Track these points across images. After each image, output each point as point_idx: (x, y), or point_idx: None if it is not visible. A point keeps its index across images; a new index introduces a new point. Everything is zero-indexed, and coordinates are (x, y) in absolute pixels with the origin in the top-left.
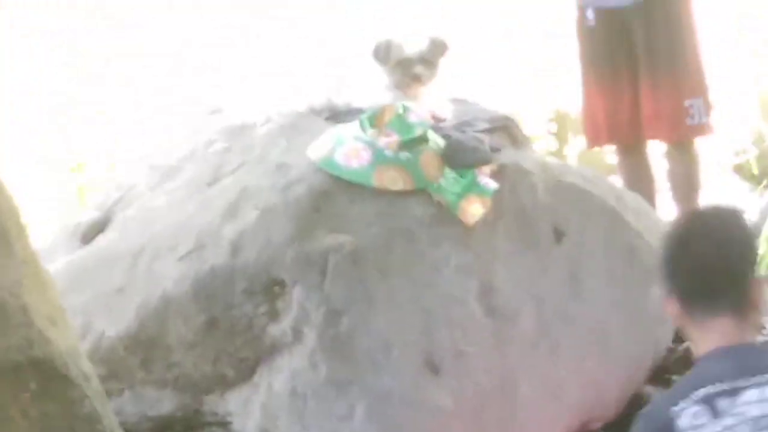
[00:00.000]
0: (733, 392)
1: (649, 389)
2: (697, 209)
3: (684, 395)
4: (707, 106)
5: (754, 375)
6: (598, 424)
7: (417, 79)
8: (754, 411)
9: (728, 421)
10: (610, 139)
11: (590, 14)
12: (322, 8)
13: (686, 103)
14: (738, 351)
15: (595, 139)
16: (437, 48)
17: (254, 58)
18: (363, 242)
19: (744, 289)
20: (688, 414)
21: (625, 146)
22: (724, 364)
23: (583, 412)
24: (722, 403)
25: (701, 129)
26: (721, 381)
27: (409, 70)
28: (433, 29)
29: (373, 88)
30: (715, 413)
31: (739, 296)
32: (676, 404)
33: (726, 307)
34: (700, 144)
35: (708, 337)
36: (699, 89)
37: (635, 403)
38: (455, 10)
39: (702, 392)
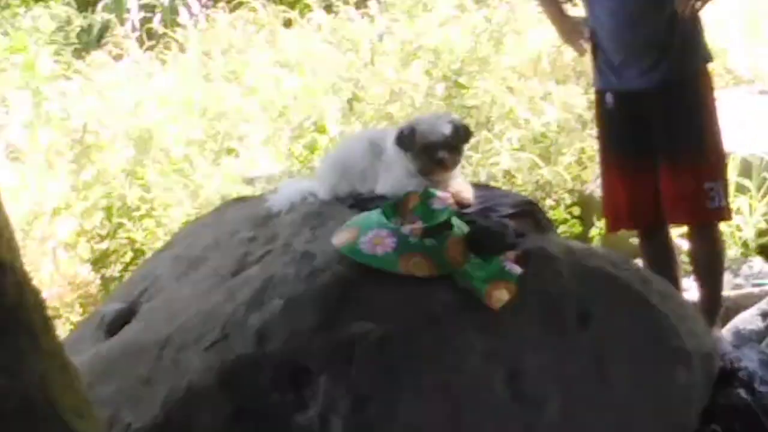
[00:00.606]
0: None
1: None
2: None
3: None
4: (726, 190)
5: None
6: None
7: (441, 164)
8: None
9: None
10: (631, 223)
11: (609, 98)
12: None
13: (706, 186)
14: None
15: (616, 223)
16: (460, 133)
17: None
18: (389, 329)
19: None
20: None
21: (646, 229)
22: None
23: None
24: None
25: (721, 213)
26: None
27: (433, 155)
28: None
29: (397, 174)
30: None
31: None
32: None
33: None
34: (722, 225)
35: None
36: (718, 172)
37: None
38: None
39: None
